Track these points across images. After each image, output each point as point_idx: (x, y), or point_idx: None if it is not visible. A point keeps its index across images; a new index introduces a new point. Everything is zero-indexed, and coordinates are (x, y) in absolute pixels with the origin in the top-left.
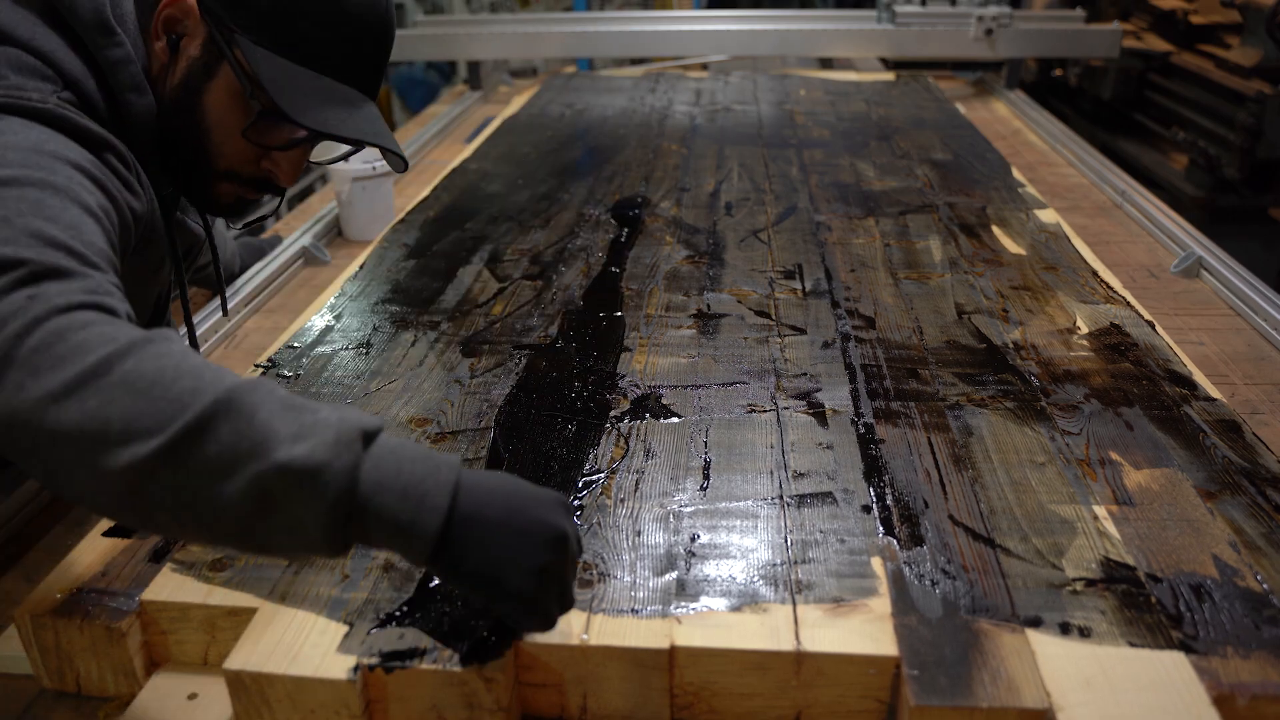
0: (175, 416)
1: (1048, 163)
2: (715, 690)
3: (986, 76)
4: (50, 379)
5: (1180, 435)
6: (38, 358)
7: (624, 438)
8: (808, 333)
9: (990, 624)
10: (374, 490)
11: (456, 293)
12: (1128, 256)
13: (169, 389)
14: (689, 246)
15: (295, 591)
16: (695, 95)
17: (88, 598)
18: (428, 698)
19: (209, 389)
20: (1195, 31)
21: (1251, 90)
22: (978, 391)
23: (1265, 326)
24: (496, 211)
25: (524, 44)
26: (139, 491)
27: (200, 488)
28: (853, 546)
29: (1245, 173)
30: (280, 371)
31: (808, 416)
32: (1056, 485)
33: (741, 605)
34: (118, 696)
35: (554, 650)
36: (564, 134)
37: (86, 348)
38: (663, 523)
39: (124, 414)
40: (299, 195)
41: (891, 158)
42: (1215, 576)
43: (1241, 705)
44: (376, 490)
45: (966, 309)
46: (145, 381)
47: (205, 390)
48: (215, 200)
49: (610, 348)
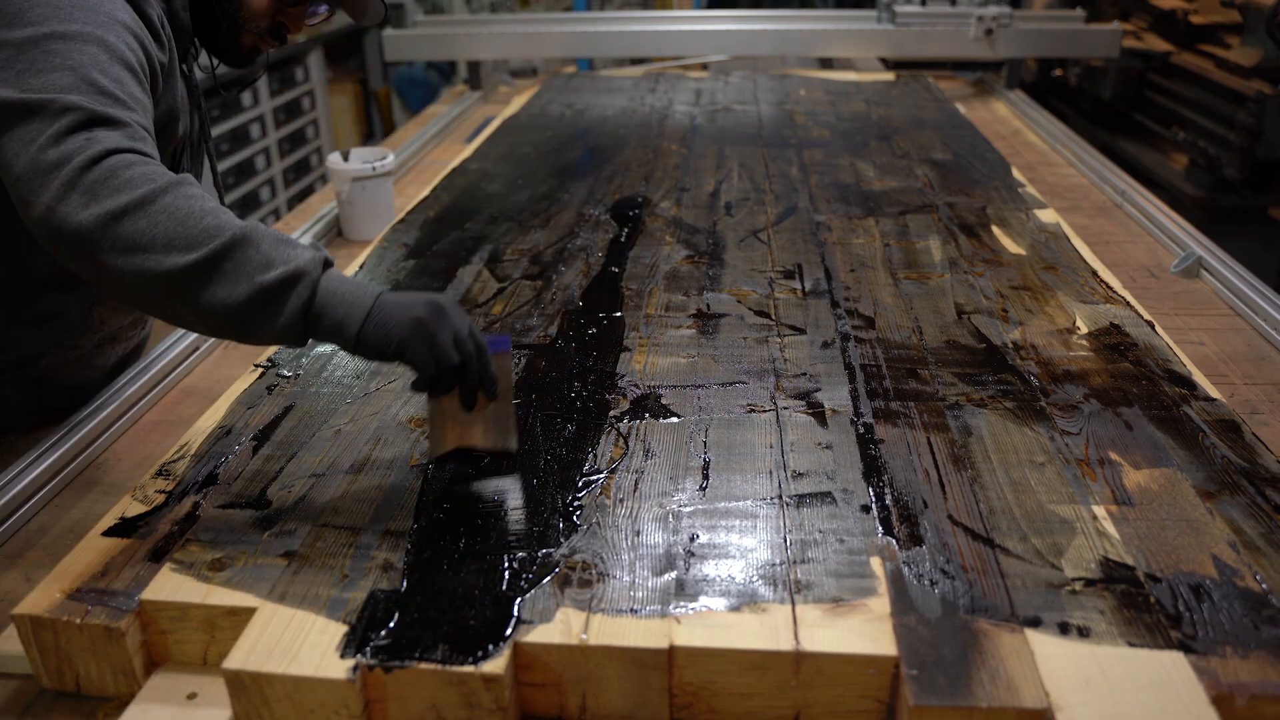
0: (205, 242)
1: (1048, 163)
2: (714, 690)
3: (986, 76)
4: (109, 203)
5: (1180, 435)
6: (97, 187)
7: (624, 438)
8: (807, 333)
9: (989, 624)
10: (326, 298)
11: (456, 293)
12: (1128, 256)
13: (199, 221)
14: (689, 246)
15: (294, 591)
16: (695, 95)
17: (87, 597)
18: (427, 697)
19: (226, 227)
20: (1195, 31)
21: (1251, 90)
22: (977, 391)
23: (1265, 326)
24: (496, 211)
25: (524, 44)
26: (170, 291)
27: (217, 290)
28: (852, 546)
29: (1245, 173)
30: (280, 371)
31: (807, 416)
32: (1056, 485)
33: (741, 605)
34: (117, 696)
35: (553, 650)
36: (564, 134)
37: (135, 182)
38: (662, 522)
39: (166, 234)
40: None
41: (891, 158)
42: (1214, 576)
43: (1240, 705)
44: (328, 298)
45: (966, 309)
46: (181, 213)
47: (224, 228)
48: (238, 49)
49: (610, 348)
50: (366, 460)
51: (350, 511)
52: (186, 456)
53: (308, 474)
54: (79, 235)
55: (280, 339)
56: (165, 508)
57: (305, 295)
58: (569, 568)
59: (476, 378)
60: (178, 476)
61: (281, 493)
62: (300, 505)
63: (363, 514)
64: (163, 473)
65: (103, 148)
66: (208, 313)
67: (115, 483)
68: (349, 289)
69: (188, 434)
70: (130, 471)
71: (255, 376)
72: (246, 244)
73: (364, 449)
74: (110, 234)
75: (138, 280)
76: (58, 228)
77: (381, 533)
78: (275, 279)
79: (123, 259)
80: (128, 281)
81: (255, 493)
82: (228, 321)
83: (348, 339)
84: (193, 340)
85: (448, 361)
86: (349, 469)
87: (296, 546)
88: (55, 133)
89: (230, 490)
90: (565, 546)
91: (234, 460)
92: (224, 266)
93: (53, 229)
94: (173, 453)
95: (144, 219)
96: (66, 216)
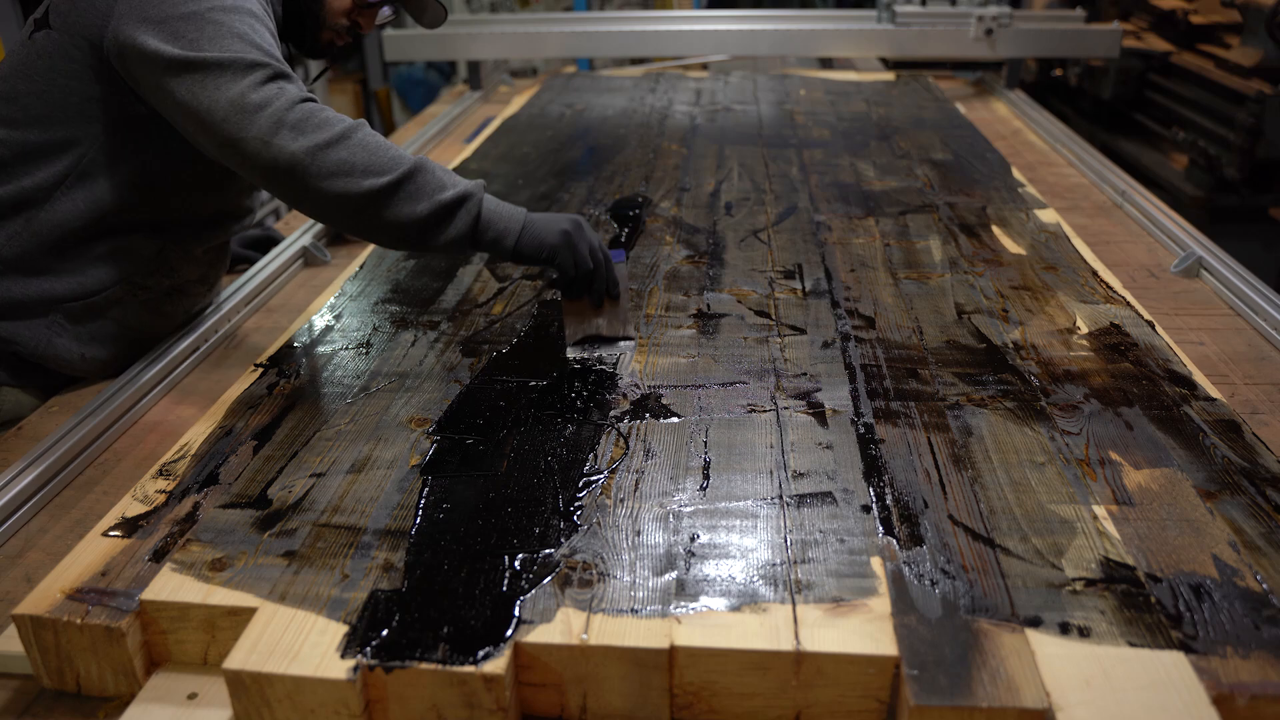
0: (394, 168)
1: (1048, 163)
2: (715, 690)
3: (986, 76)
4: (314, 137)
5: (1180, 435)
6: (302, 124)
7: (624, 438)
8: (807, 333)
9: (990, 624)
10: (489, 215)
11: (456, 293)
12: (1128, 256)
13: (386, 152)
14: (689, 246)
15: (295, 591)
16: (695, 95)
17: (87, 597)
18: (427, 697)
19: (407, 157)
20: (1195, 31)
21: (1251, 90)
22: (977, 391)
23: (1265, 326)
24: None
25: (524, 44)
26: (364, 207)
27: (403, 207)
28: (852, 546)
29: (1245, 173)
30: (280, 371)
31: (808, 416)
32: (1056, 485)
33: (741, 605)
34: (117, 696)
35: (554, 650)
36: (564, 134)
37: (330, 122)
38: (662, 522)
39: (363, 162)
40: None
41: (891, 158)
42: (1215, 576)
43: (1241, 705)
44: (490, 215)
45: (966, 309)
46: (371, 146)
47: (406, 157)
48: (317, 43)
49: (610, 347)
50: (366, 460)
51: (350, 511)
52: (187, 456)
53: (308, 474)
54: (292, 163)
55: (450, 247)
56: (165, 508)
57: (474, 211)
58: (569, 568)
59: (604, 281)
60: (178, 476)
61: (281, 493)
62: (300, 505)
63: (363, 514)
64: (163, 473)
65: (295, 96)
66: (395, 224)
67: (115, 483)
68: (506, 209)
69: (188, 434)
70: (130, 471)
71: (255, 376)
72: (425, 170)
73: (364, 449)
74: (318, 162)
75: (338, 199)
76: (273, 157)
77: (382, 533)
78: (451, 197)
79: (327, 182)
80: (329, 200)
81: (255, 493)
82: (413, 232)
83: (506, 249)
84: (193, 340)
85: (585, 267)
86: (349, 469)
87: (297, 546)
88: (252, 82)
89: (230, 490)
90: (566, 546)
91: (234, 460)
92: (409, 187)
93: (267, 158)
94: (173, 453)
95: (344, 150)
96: (281, 148)
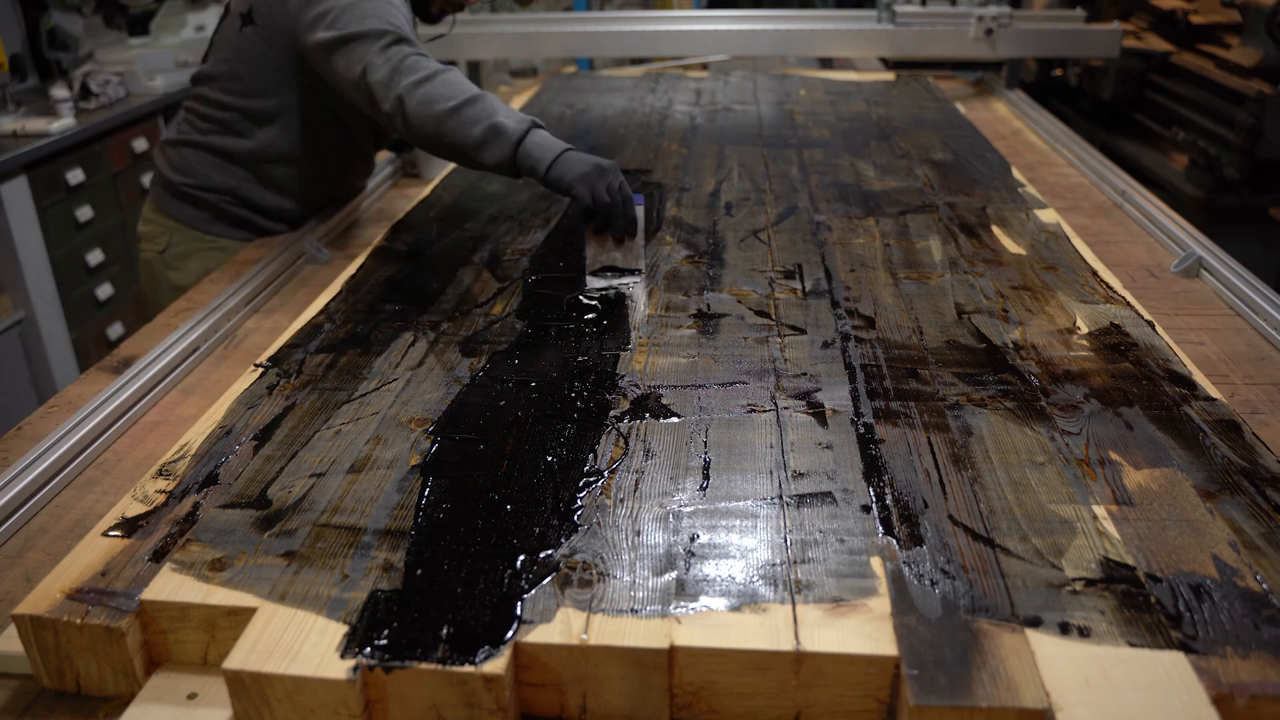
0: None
1: (1048, 163)
2: (715, 690)
3: (986, 76)
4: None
5: (1180, 435)
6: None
7: (624, 438)
8: (807, 332)
9: (990, 624)
10: (530, 145)
11: (456, 293)
12: (1128, 256)
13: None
14: (689, 246)
15: (295, 591)
16: (695, 95)
17: (87, 597)
18: (427, 697)
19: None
20: (1195, 31)
21: (1251, 90)
22: (977, 391)
23: (1265, 326)
24: (496, 211)
25: (524, 44)
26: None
27: (462, 127)
28: (852, 546)
29: (1245, 173)
30: (280, 371)
31: (807, 416)
32: (1056, 485)
33: (741, 605)
34: (117, 696)
35: (554, 650)
36: (564, 134)
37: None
38: (662, 523)
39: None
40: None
41: (891, 158)
42: (1215, 576)
43: (1241, 705)
44: (531, 145)
45: (966, 309)
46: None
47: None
48: (428, 11)
49: (610, 347)
50: (366, 460)
51: (350, 511)
52: (186, 456)
53: (308, 474)
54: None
55: (496, 166)
56: (165, 508)
57: (518, 136)
58: (569, 568)
59: (622, 218)
60: (178, 476)
61: (281, 493)
62: (300, 505)
63: (363, 514)
64: (163, 473)
65: (408, 52)
66: (457, 144)
67: (115, 483)
68: (548, 141)
69: (188, 434)
70: (130, 471)
71: (255, 376)
72: (485, 99)
73: (364, 449)
74: (414, 95)
75: (422, 121)
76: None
77: (382, 533)
78: (500, 122)
79: (419, 108)
80: (419, 122)
81: (255, 493)
82: (468, 147)
83: (540, 174)
84: (193, 340)
85: (601, 199)
86: (349, 469)
87: (297, 546)
88: (380, 45)
89: (230, 490)
90: (565, 546)
91: (234, 460)
92: (467, 112)
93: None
94: (173, 453)
95: (431, 85)
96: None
